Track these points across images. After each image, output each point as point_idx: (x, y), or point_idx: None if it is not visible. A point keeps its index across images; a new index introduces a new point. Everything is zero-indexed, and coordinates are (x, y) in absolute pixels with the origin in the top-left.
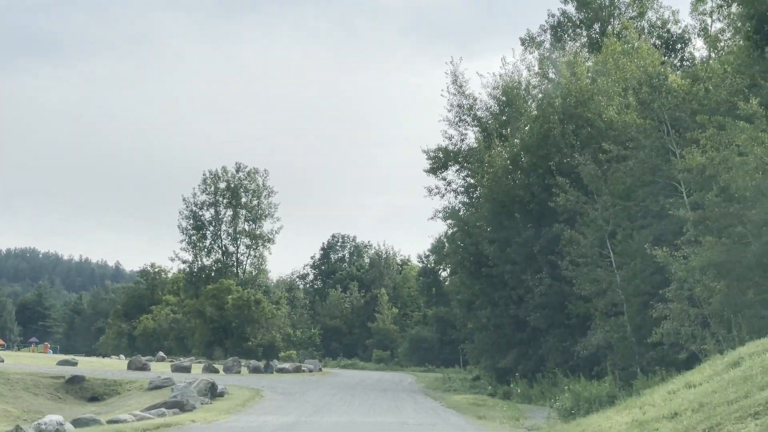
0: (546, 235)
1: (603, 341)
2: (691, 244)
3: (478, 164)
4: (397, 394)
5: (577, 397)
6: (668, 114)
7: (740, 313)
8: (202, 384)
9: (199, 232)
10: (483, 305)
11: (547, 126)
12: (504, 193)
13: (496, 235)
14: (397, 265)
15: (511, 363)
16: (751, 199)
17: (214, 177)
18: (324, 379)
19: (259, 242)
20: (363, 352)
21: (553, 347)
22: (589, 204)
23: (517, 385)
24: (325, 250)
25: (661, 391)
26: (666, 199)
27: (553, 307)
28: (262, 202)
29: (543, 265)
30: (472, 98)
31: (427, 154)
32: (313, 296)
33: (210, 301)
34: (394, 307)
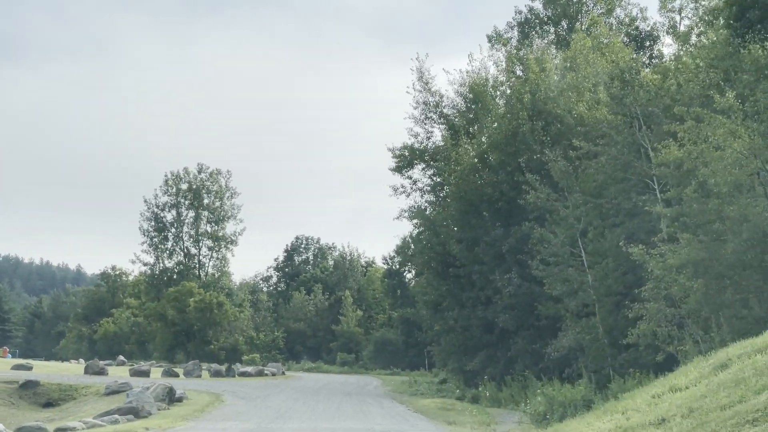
0: (515, 234)
1: (574, 343)
2: (667, 242)
3: (444, 162)
4: (362, 398)
5: (550, 401)
6: (640, 109)
7: (720, 313)
8: (160, 389)
9: (160, 234)
10: (450, 306)
11: (515, 122)
12: (472, 191)
13: (464, 235)
14: (361, 267)
15: (479, 365)
16: (729, 195)
17: (175, 178)
18: (287, 383)
19: (221, 244)
20: (327, 355)
21: (522, 349)
22: (559, 202)
23: (485, 389)
24: (289, 252)
25: (643, 395)
26: (639, 196)
27: (523, 308)
28: (224, 203)
29: (512, 264)
30: (439, 95)
31: (393, 152)
32: (277, 299)
33: (171, 303)
34: (358, 310)
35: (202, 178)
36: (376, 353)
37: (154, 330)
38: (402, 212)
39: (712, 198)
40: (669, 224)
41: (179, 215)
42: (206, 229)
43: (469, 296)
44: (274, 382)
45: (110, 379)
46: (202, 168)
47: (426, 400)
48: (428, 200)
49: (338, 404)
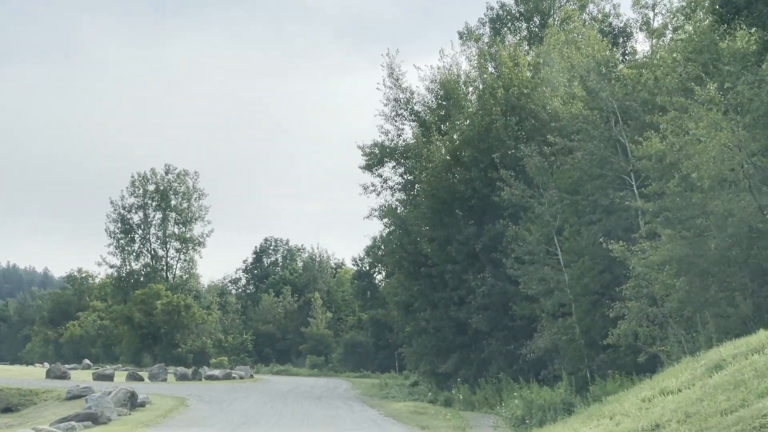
0: (489, 233)
1: (550, 344)
2: (647, 238)
3: (416, 160)
4: (332, 401)
5: (529, 405)
6: (617, 104)
7: (705, 312)
8: (121, 393)
9: (127, 236)
10: (422, 307)
11: (488, 118)
12: (444, 188)
13: (436, 233)
14: (331, 269)
15: (452, 368)
16: (712, 189)
17: (142, 179)
18: (255, 386)
19: (189, 246)
20: (297, 358)
21: (496, 351)
22: (535, 198)
23: (459, 391)
24: (258, 253)
25: (632, 399)
26: (616, 192)
27: (497, 309)
28: (192, 204)
29: (486, 264)
30: (409, 92)
31: (363, 150)
32: (246, 301)
33: (138, 306)
34: (328, 312)
35: (169, 179)
36: (345, 356)
37: (120, 333)
38: (372, 211)
39: (696, 192)
40: (650, 219)
41: (146, 217)
42: (173, 231)
43: (442, 296)
44: (242, 385)
45: (72, 384)
46: (170, 169)
47: (398, 404)
48: (399, 199)
49: (307, 408)
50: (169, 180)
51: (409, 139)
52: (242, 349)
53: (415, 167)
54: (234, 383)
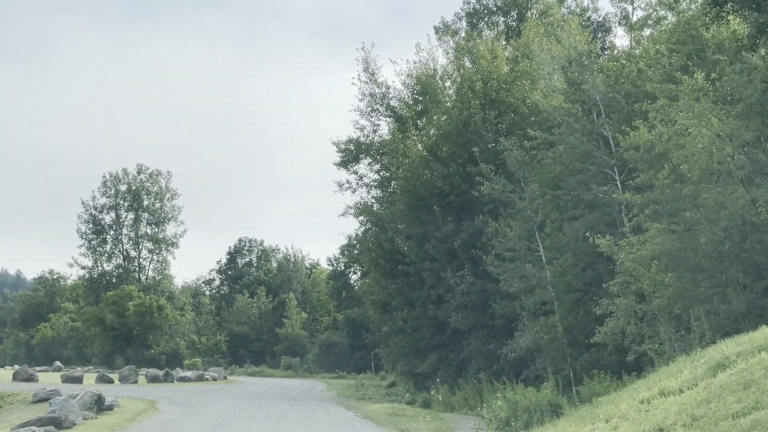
0: (467, 229)
1: (532, 343)
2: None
3: (392, 155)
4: (307, 403)
5: (513, 406)
6: (600, 96)
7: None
8: (87, 396)
9: (99, 237)
10: (399, 306)
11: (467, 112)
12: (421, 184)
13: (413, 230)
14: (305, 269)
15: (431, 368)
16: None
17: (114, 179)
18: (228, 388)
19: (162, 246)
20: (271, 359)
21: (475, 350)
22: (516, 193)
23: (437, 392)
24: (232, 254)
25: (627, 400)
26: (599, 187)
27: (476, 307)
28: (165, 204)
29: (464, 261)
30: (385, 87)
31: (338, 146)
32: (220, 302)
33: (110, 308)
34: (303, 312)
35: (141, 179)
36: (321, 356)
37: (92, 335)
38: (348, 209)
39: (686, 184)
40: (638, 213)
41: (118, 217)
42: (146, 231)
43: (419, 295)
44: (215, 387)
45: (39, 386)
46: (142, 169)
47: (375, 405)
48: (375, 196)
49: (281, 410)
50: (141, 180)
51: (385, 134)
52: (216, 350)
53: (392, 163)
54: (207, 385)
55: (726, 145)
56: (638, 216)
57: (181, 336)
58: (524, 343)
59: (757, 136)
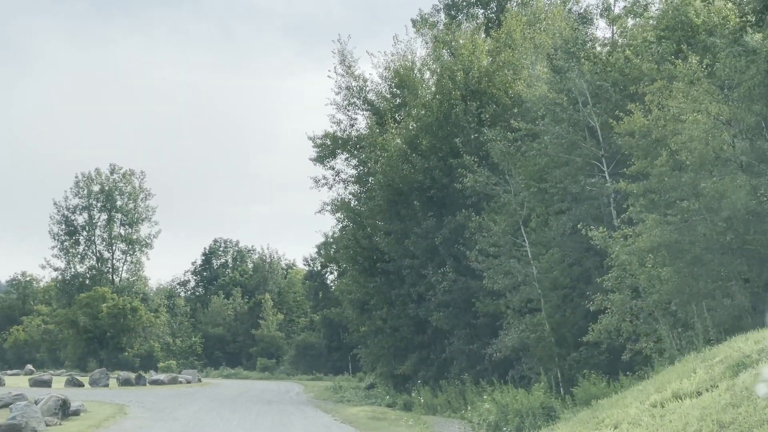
0: (449, 225)
1: (518, 342)
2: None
3: (370, 149)
4: (283, 406)
5: (503, 409)
6: (587, 84)
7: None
8: (52, 402)
9: (71, 238)
10: (378, 305)
11: (447, 104)
12: (400, 179)
13: (393, 226)
14: (281, 270)
15: (411, 369)
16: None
17: (87, 179)
18: (202, 391)
19: (135, 247)
20: (247, 361)
21: (458, 350)
22: (500, 186)
23: (419, 394)
24: (207, 255)
25: (635, 403)
26: (587, 179)
27: (458, 306)
28: (138, 205)
29: (446, 258)
30: (362, 80)
31: (314, 141)
32: (195, 303)
33: (83, 310)
34: (279, 313)
35: (114, 179)
36: (297, 358)
37: (65, 337)
38: (324, 205)
39: (685, 172)
40: (632, 203)
41: (91, 218)
42: (119, 232)
43: (399, 293)
44: (188, 390)
45: (5, 391)
46: (115, 169)
47: (354, 408)
48: (353, 192)
49: (256, 415)
50: (114, 180)
51: (362, 129)
52: (191, 352)
53: (370, 157)
54: (180, 388)
55: (724, 130)
56: (633, 206)
57: (155, 338)
58: (510, 342)
59: (758, 121)
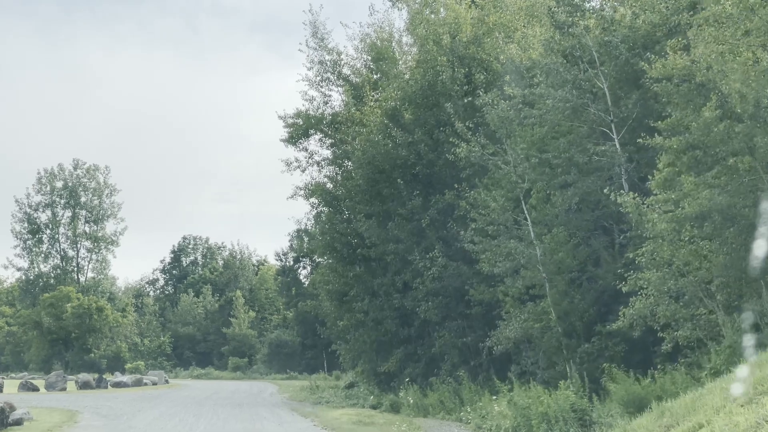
0: (437, 204)
1: (521, 333)
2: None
3: (349, 124)
4: (256, 409)
5: (524, 413)
6: (593, 41)
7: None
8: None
9: (34, 237)
10: (359, 296)
11: (433, 71)
12: (381, 155)
13: (374, 208)
14: (253, 266)
15: (396, 366)
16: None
17: (49, 175)
18: (168, 394)
19: (101, 245)
20: (219, 360)
21: (449, 344)
22: (498, 156)
23: (407, 394)
24: (176, 252)
25: (745, 413)
26: (596, 146)
27: (449, 294)
28: (103, 201)
29: (434, 241)
30: (336, 53)
31: (285, 120)
32: (164, 302)
33: (47, 310)
34: (251, 311)
35: (78, 175)
36: (270, 356)
37: (29, 339)
38: (297, 190)
39: (738, 122)
40: (670, 161)
41: (54, 215)
42: (84, 230)
43: (382, 283)
44: (153, 393)
45: None
46: (78, 164)
47: (336, 411)
48: (328, 174)
49: (224, 420)
50: (78, 176)
51: (337, 106)
52: (160, 352)
53: (347, 134)
54: (145, 391)
55: None
56: (667, 167)
57: (122, 338)
58: (511, 333)
59: None
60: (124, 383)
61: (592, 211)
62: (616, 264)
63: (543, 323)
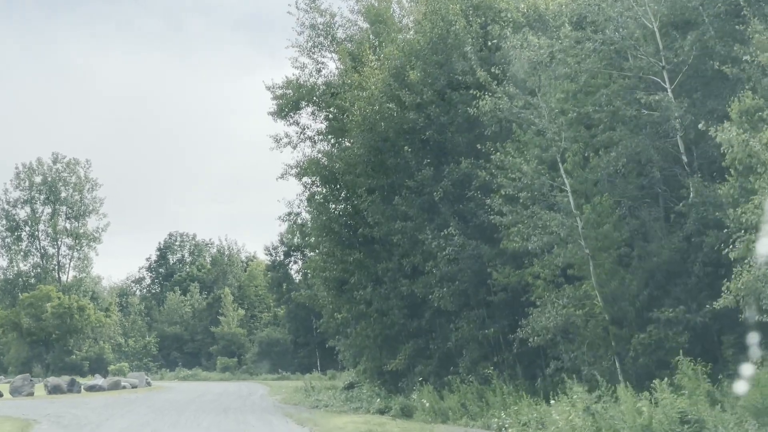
0: (451, 175)
1: (561, 322)
2: None
3: (346, 89)
4: (243, 416)
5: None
6: None
7: None
8: None
9: (13, 234)
10: (361, 284)
11: (444, 22)
12: (386, 120)
13: (377, 181)
14: (242, 263)
15: (405, 363)
16: None
17: (28, 170)
18: (147, 398)
19: (82, 242)
20: (207, 361)
21: (468, 337)
22: (530, 109)
23: (421, 395)
24: (162, 250)
25: None
26: (649, 96)
27: (467, 279)
28: (84, 196)
29: (448, 218)
30: (330, 15)
31: (273, 91)
32: (150, 301)
33: (26, 310)
34: (240, 309)
35: (57, 169)
36: (261, 355)
37: (8, 341)
38: (288, 168)
39: None
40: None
41: (34, 212)
42: (65, 226)
43: (388, 267)
44: (130, 397)
45: None
46: (58, 158)
47: (339, 419)
48: (322, 150)
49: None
50: (57, 170)
51: (331, 75)
52: (145, 353)
53: (344, 99)
54: (121, 395)
55: None
56: None
57: (106, 339)
58: (550, 322)
59: None
60: (100, 387)
61: (638, 177)
62: (671, 238)
63: (586, 309)
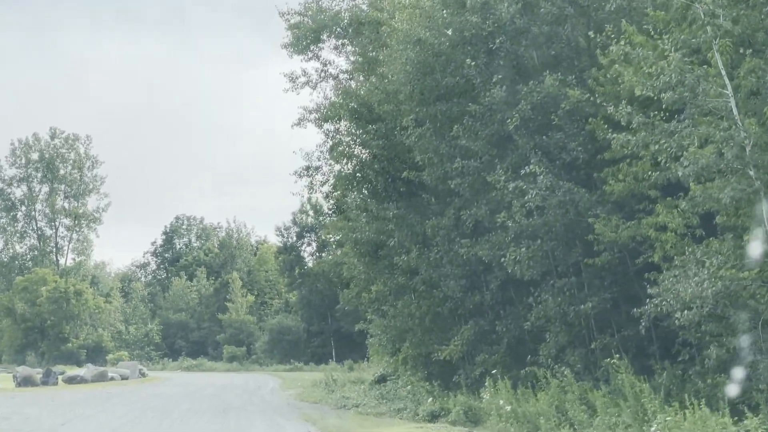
0: (531, 96)
1: (720, 290)
2: None
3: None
4: (249, 419)
5: None
6: None
7: None
8: None
9: (9, 214)
10: (402, 246)
11: None
12: (439, 27)
13: (428, 110)
14: (251, 246)
15: (461, 351)
16: None
17: (24, 146)
18: (133, 393)
19: (82, 222)
20: (214, 350)
21: (554, 315)
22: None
23: (496, 394)
24: (168, 234)
25: None
26: None
27: (555, 237)
28: (84, 174)
29: (528, 152)
30: None
31: (287, 19)
32: (155, 287)
33: (21, 295)
34: (249, 295)
35: (55, 145)
36: (271, 345)
37: (2, 327)
38: (306, 113)
39: None
40: None
41: (30, 190)
42: (63, 206)
43: (440, 224)
44: (113, 391)
45: None
46: (56, 133)
47: (384, 430)
48: (348, 89)
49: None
50: (55, 146)
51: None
52: (147, 341)
53: (379, 21)
54: (105, 388)
55: None
56: None
57: (105, 326)
58: (698, 291)
59: None
60: (82, 378)
61: None
62: None
63: (757, 272)
